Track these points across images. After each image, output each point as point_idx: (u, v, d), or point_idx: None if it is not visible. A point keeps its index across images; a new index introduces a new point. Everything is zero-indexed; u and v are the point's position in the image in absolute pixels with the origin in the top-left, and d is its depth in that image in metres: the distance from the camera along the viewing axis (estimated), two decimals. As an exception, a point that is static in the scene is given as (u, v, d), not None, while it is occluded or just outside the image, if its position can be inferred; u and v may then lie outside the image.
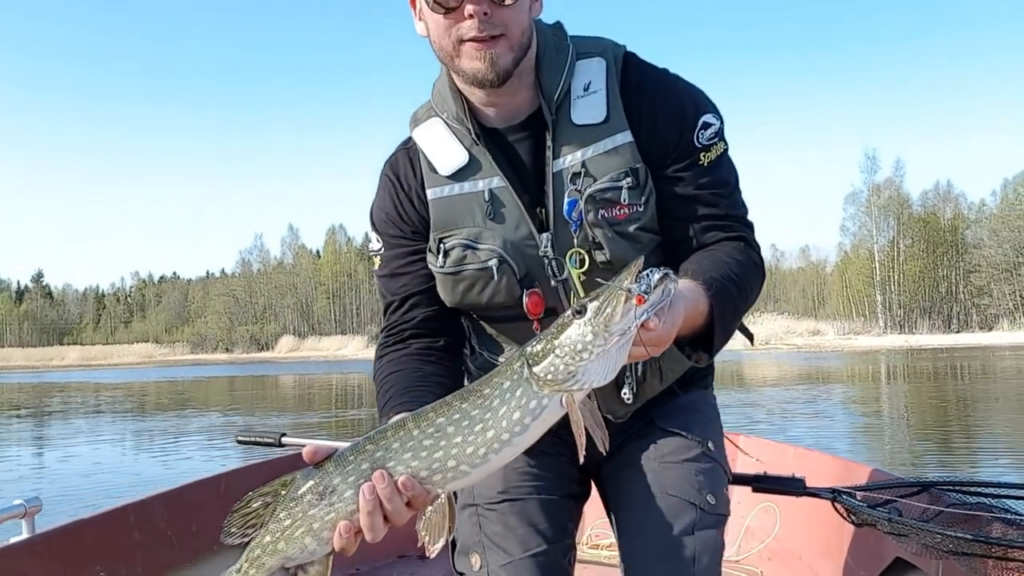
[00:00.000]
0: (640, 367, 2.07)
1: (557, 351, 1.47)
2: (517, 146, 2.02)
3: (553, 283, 2.00)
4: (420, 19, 1.96)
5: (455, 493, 1.63)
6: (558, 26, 2.08)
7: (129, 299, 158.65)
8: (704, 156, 1.98)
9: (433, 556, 1.57)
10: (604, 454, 1.66)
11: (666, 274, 1.47)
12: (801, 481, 2.66)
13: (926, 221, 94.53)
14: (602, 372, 1.47)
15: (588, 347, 1.45)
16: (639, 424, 2.19)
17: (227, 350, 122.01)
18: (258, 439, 4.09)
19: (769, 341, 71.05)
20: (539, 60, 1.99)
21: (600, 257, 1.97)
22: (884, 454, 11.27)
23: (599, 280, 1.79)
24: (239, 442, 4.09)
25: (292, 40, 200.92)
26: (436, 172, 2.04)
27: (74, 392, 37.45)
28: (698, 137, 1.98)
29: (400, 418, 1.60)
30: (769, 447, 3.75)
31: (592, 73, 1.99)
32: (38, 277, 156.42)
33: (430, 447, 1.54)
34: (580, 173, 1.93)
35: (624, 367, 1.98)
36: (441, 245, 2.02)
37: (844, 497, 2.58)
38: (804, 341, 74.99)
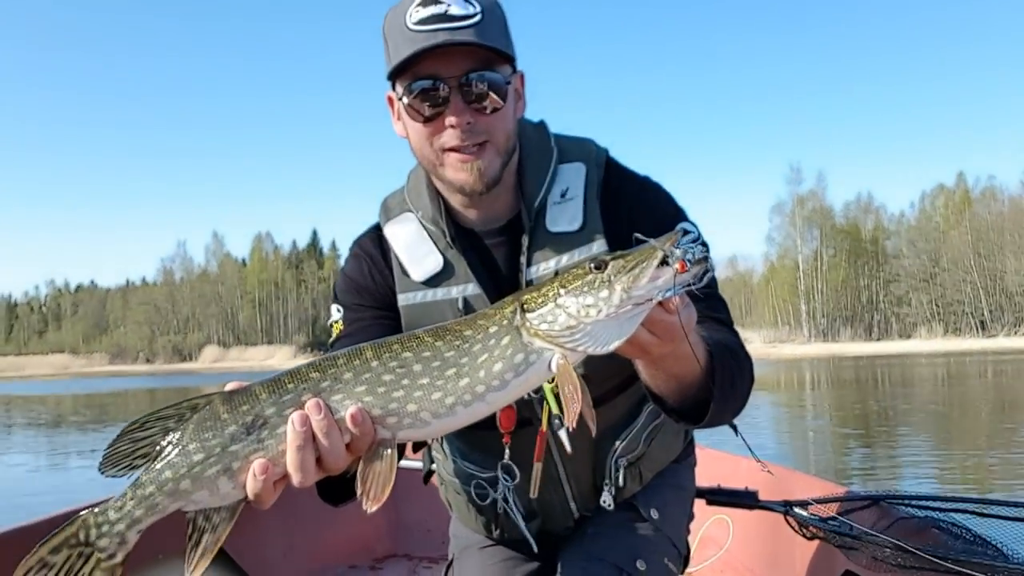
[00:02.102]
0: (622, 476, 2.01)
1: (560, 300, 1.30)
2: (494, 251, 1.95)
3: (525, 396, 1.83)
4: (399, 119, 1.87)
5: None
6: (541, 126, 2.02)
7: (44, 308, 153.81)
8: None
9: (369, 512, 1.32)
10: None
11: (706, 256, 1.28)
12: (754, 494, 2.69)
13: (848, 232, 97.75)
14: (603, 339, 1.29)
15: (599, 303, 1.28)
16: None
17: (148, 361, 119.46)
18: None
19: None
20: (522, 163, 1.92)
21: (578, 369, 1.83)
22: (808, 460, 11.47)
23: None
24: None
25: (214, 43, 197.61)
26: (408, 276, 1.95)
27: (-15, 405, 35.91)
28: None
29: (356, 347, 1.38)
30: (722, 459, 3.77)
31: (571, 179, 1.93)
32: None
33: (390, 384, 1.32)
34: None
35: (606, 471, 2.01)
36: None
37: (796, 510, 2.60)
38: (731, 349, 76.11)
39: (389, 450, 1.33)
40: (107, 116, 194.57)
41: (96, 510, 1.34)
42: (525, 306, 1.33)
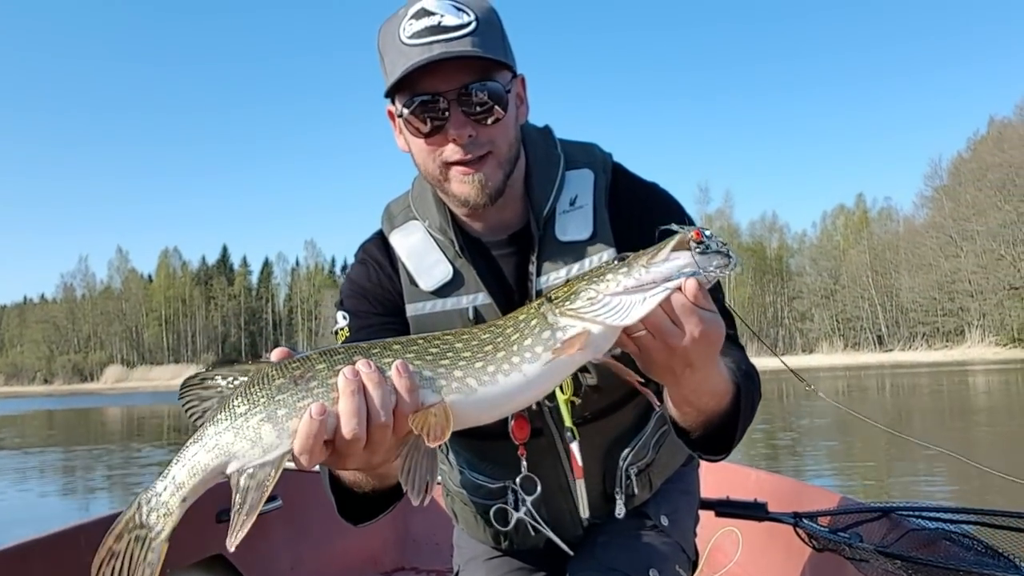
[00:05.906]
0: (633, 484, 2.02)
1: (582, 285, 1.37)
2: (502, 261, 1.92)
3: (535, 407, 1.90)
4: (400, 134, 1.84)
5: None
6: (547, 131, 1.99)
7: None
8: None
9: (431, 445, 1.31)
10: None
11: (728, 251, 1.34)
12: (763, 506, 2.68)
13: (754, 250, 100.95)
14: (623, 308, 1.33)
15: (618, 278, 1.33)
16: None
17: (46, 381, 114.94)
18: None
19: (611, 365, 73.86)
20: (529, 171, 1.89)
21: (589, 380, 1.89)
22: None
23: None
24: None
25: (117, 52, 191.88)
26: (416, 286, 1.91)
27: None
28: None
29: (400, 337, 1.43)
30: (731, 471, 3.76)
31: (579, 186, 1.91)
32: None
33: (436, 354, 1.37)
34: None
35: (616, 479, 2.01)
36: None
37: (806, 522, 2.60)
38: (644, 365, 77.61)
39: (443, 406, 1.33)
40: (3, 125, 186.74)
41: (148, 487, 1.31)
42: (551, 296, 1.40)
